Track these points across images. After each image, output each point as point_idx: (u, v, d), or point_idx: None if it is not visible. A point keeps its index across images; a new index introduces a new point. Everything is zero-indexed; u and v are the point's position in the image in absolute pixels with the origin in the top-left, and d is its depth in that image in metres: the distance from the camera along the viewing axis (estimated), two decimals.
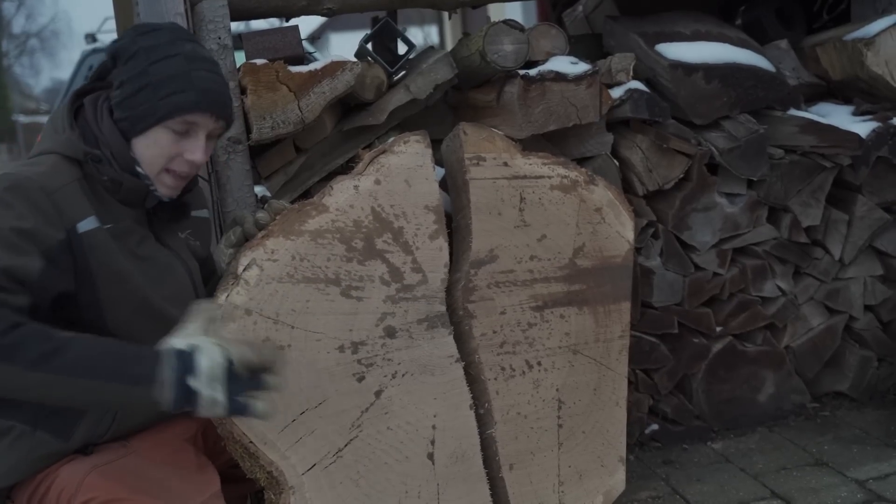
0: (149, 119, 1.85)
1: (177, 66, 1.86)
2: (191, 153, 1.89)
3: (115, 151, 1.87)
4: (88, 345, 1.66)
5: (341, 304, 2.06)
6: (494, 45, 2.75)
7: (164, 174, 1.91)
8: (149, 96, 1.84)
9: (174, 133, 1.87)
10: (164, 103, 1.84)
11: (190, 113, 1.86)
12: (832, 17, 3.89)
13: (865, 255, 3.35)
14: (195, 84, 1.86)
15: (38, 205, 1.75)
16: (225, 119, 1.95)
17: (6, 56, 30.44)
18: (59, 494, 1.83)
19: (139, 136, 1.88)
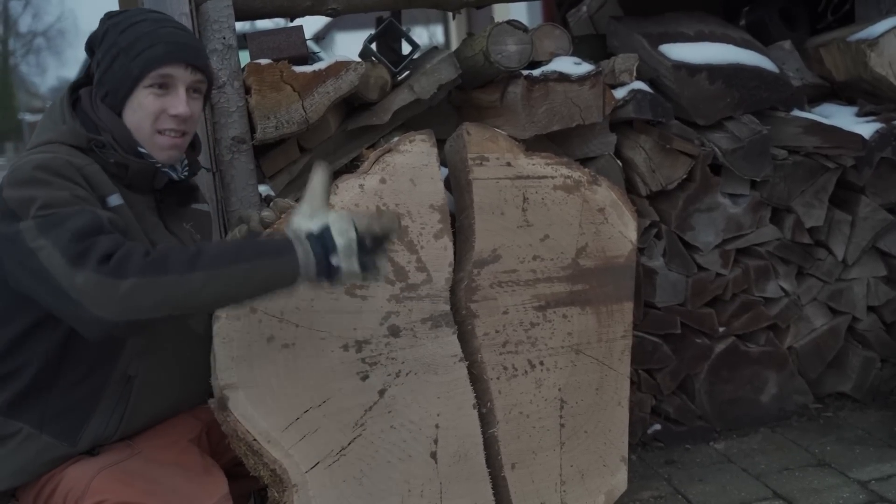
0: (126, 83, 1.88)
1: (144, 28, 1.90)
2: (173, 107, 1.91)
3: (116, 134, 1.89)
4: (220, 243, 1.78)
5: (346, 302, 2.07)
6: (498, 45, 2.76)
7: (156, 137, 1.92)
8: (122, 62, 1.88)
9: (153, 93, 1.89)
10: (137, 62, 1.87)
11: (162, 65, 1.88)
12: (836, 17, 3.89)
13: (868, 256, 3.35)
14: (163, 38, 1.89)
15: (72, 178, 1.77)
16: (201, 69, 1.96)
17: (13, 55, 30.48)
18: (66, 495, 1.84)
19: (125, 107, 1.90)
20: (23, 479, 1.88)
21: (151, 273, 1.62)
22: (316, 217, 1.74)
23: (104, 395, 1.89)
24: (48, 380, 1.87)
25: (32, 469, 1.87)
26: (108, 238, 1.66)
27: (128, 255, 1.63)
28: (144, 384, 1.92)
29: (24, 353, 1.86)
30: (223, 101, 2.65)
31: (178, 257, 1.66)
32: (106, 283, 1.60)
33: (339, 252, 1.71)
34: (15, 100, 29.86)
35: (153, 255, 1.65)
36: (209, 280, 1.66)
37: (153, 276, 1.62)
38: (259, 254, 1.71)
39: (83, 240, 1.64)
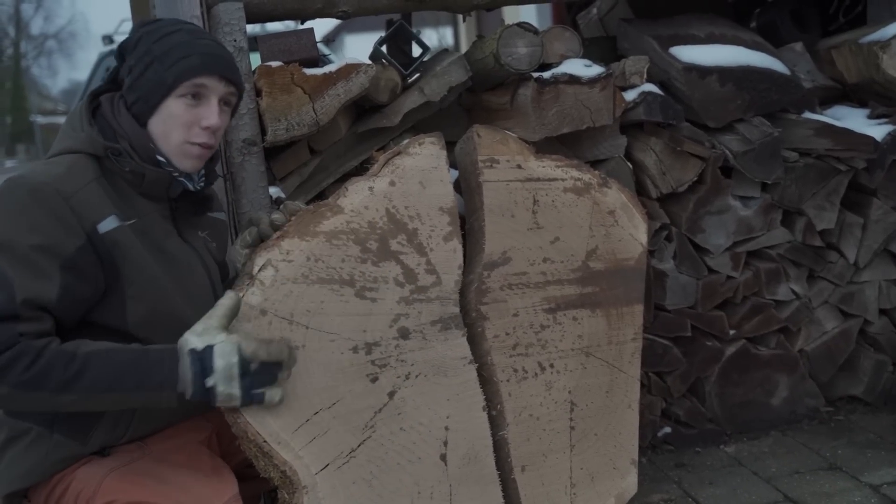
0: (159, 90, 1.89)
1: (180, 38, 1.92)
2: (206, 119, 1.92)
3: (134, 142, 1.89)
4: (108, 358, 1.74)
5: (355, 305, 2.07)
6: (508, 47, 2.76)
7: (185, 146, 1.93)
8: (156, 70, 1.89)
9: (186, 102, 1.90)
10: (172, 71, 1.88)
11: (197, 76, 1.89)
12: (848, 19, 3.88)
13: (880, 258, 3.34)
14: (199, 49, 1.91)
15: (55, 211, 1.76)
16: (234, 83, 1.98)
17: (24, 57, 30.61)
18: (77, 496, 1.85)
19: (154, 113, 1.91)
20: (34, 478, 1.89)
21: (25, 388, 1.68)
22: (205, 335, 1.77)
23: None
24: None
25: (43, 469, 1.88)
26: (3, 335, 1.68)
27: (9, 365, 1.67)
28: None
29: None
30: None
31: (56, 375, 1.70)
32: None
33: (216, 374, 1.74)
34: (27, 102, 29.99)
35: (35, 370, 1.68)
36: (79, 402, 1.73)
37: (26, 391, 1.68)
38: (138, 386, 1.74)
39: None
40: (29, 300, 1.71)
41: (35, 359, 1.68)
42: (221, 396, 1.76)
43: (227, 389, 1.75)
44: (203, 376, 1.74)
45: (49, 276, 1.74)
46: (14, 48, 30.11)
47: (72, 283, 1.77)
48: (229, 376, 1.75)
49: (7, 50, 29.75)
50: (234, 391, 1.76)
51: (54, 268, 1.75)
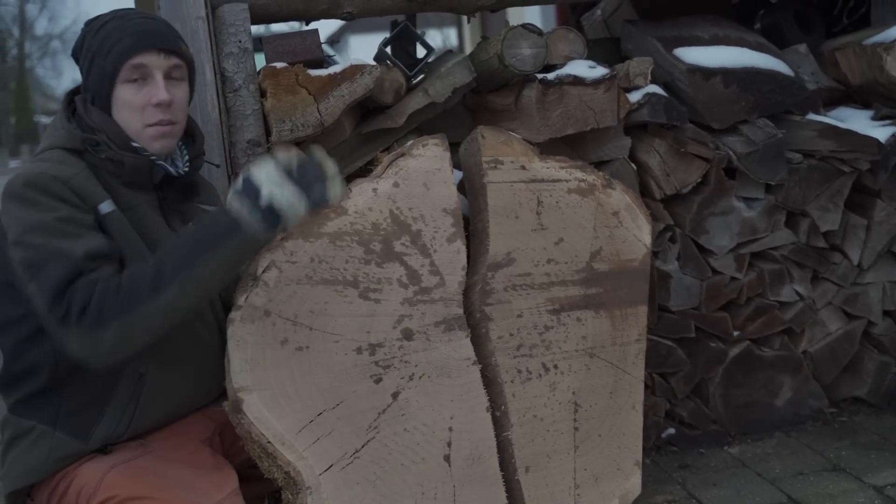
0: (104, 81, 1.91)
1: (112, 25, 1.93)
2: (154, 96, 1.91)
3: (108, 133, 1.91)
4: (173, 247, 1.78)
5: (359, 306, 2.08)
6: (513, 48, 2.76)
7: (145, 130, 1.93)
8: (98, 63, 1.91)
9: (132, 86, 1.91)
10: (109, 59, 1.89)
11: (132, 56, 1.89)
12: (852, 21, 3.88)
13: (884, 259, 3.34)
14: (130, 30, 1.91)
15: (59, 194, 1.80)
16: (174, 53, 1.95)
17: (28, 58, 30.65)
18: (79, 493, 1.86)
19: (111, 106, 1.93)
20: (37, 476, 1.90)
21: (127, 310, 1.71)
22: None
23: (116, 392, 1.91)
24: (61, 379, 1.89)
25: (46, 467, 1.89)
26: (83, 286, 1.72)
27: (102, 300, 1.71)
28: (155, 383, 1.94)
29: (36, 352, 1.89)
30: (239, 105, 2.66)
31: (144, 281, 1.72)
32: (91, 338, 1.71)
33: (263, 186, 1.72)
34: (31, 102, 30.04)
35: (123, 288, 1.72)
36: (180, 290, 1.73)
37: (130, 312, 1.71)
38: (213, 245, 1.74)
39: (61, 297, 1.71)
40: (87, 253, 1.75)
41: (118, 287, 1.71)
42: (286, 204, 1.72)
43: (282, 192, 1.72)
44: (256, 199, 1.72)
45: (88, 234, 1.80)
46: (18, 49, 30.16)
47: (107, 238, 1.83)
48: (275, 181, 1.73)
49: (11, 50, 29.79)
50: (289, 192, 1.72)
51: (86, 229, 1.80)
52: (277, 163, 1.75)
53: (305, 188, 1.75)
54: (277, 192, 1.72)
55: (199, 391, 2.08)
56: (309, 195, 1.75)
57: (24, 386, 1.91)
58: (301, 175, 1.75)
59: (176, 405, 2.03)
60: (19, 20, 30.28)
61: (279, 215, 1.73)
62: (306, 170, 1.77)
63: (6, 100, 29.34)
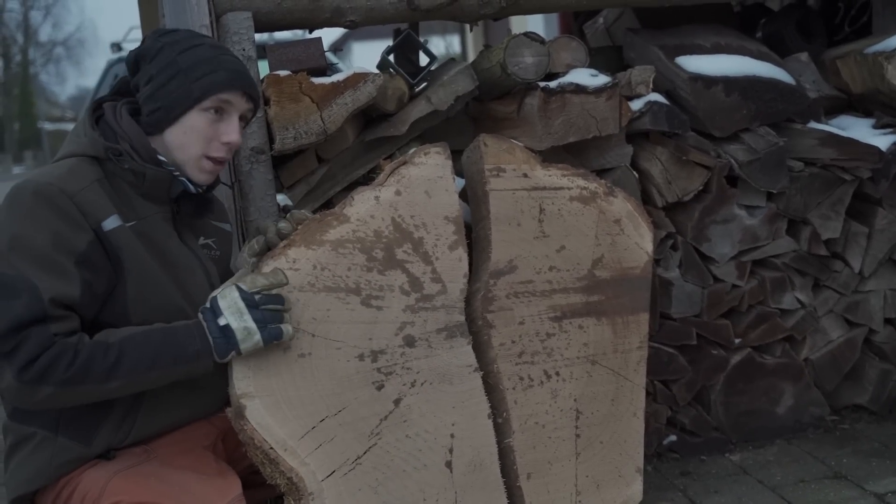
0: (184, 102, 1.93)
1: (204, 52, 1.96)
2: (227, 135, 1.98)
3: (134, 144, 1.93)
4: (142, 341, 1.82)
5: (361, 313, 2.09)
6: (515, 57, 2.78)
7: (203, 160, 1.98)
8: (181, 81, 1.93)
9: (209, 116, 1.95)
10: (198, 85, 1.93)
11: (224, 91, 1.95)
12: (853, 29, 3.89)
13: (885, 267, 3.34)
14: (225, 65, 1.96)
15: (62, 209, 1.81)
16: (254, 100, 2.04)
17: (32, 64, 30.72)
18: (83, 498, 1.87)
19: (173, 124, 1.95)
20: (41, 482, 1.91)
21: (70, 384, 1.75)
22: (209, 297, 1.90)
23: (116, 402, 1.92)
24: None
25: (49, 472, 1.90)
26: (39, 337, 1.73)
27: (51, 362, 1.73)
28: (157, 393, 1.95)
29: None
30: None
31: (98, 366, 1.76)
32: (24, 389, 1.73)
33: (224, 313, 1.84)
34: (34, 108, 30.10)
35: (77, 363, 1.74)
36: (125, 387, 1.81)
37: (72, 387, 1.76)
38: (176, 360, 1.83)
39: (15, 334, 1.72)
40: (55, 299, 1.75)
41: (74, 356, 1.74)
42: (240, 334, 1.83)
43: (241, 323, 1.83)
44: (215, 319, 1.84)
45: (69, 274, 1.78)
46: (22, 55, 30.23)
47: (89, 278, 1.81)
48: (237, 310, 1.83)
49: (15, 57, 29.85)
50: (249, 323, 1.83)
51: (70, 264, 1.79)
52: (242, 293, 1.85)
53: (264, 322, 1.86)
54: (236, 322, 1.84)
55: (202, 400, 2.09)
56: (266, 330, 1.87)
57: None
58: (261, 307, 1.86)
59: (177, 415, 2.04)
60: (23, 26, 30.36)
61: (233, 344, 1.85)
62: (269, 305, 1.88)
63: (10, 106, 29.40)
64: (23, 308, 1.72)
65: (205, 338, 1.84)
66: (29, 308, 1.72)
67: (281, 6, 2.83)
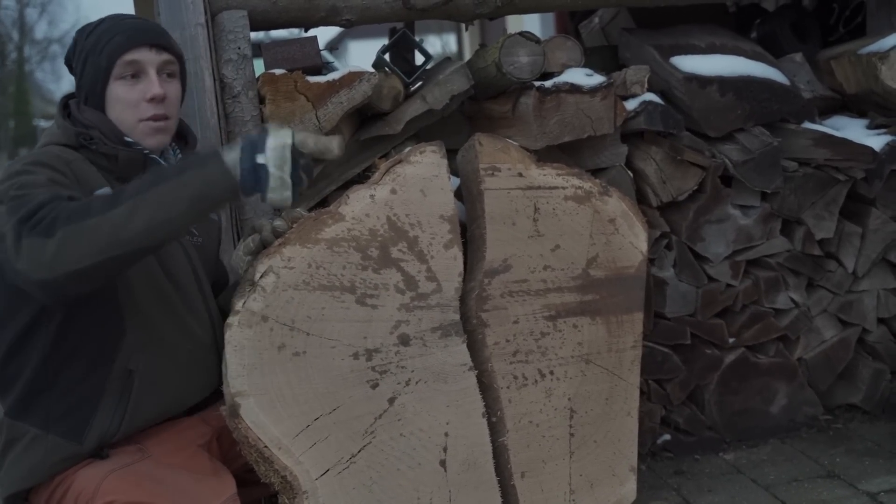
0: (98, 78, 1.96)
1: (105, 25, 2.00)
2: (148, 90, 1.97)
3: (101, 128, 1.96)
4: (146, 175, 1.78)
5: (356, 311, 2.09)
6: (510, 56, 2.78)
7: (140, 125, 1.98)
8: (92, 61, 1.96)
9: (126, 83, 1.96)
10: (103, 56, 1.95)
11: (126, 52, 1.95)
12: (847, 30, 3.90)
13: (879, 267, 3.35)
14: (123, 28, 1.98)
15: (57, 167, 1.85)
16: (166, 49, 2.01)
17: (28, 61, 30.63)
18: (77, 497, 1.87)
19: (105, 103, 1.98)
20: (33, 480, 1.91)
21: (76, 220, 1.67)
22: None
23: (106, 390, 1.92)
24: (48, 379, 1.90)
25: (42, 470, 1.90)
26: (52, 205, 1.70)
27: (58, 212, 1.68)
28: (145, 378, 1.95)
29: (22, 354, 1.91)
30: (238, 111, 2.67)
31: (102, 199, 1.73)
32: (36, 244, 1.66)
33: (269, 152, 1.73)
34: (30, 106, 30.01)
35: (81, 204, 1.71)
36: (135, 208, 1.68)
37: (77, 223, 1.67)
38: (183, 168, 1.75)
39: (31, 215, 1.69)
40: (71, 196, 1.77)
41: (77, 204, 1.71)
42: (274, 181, 1.73)
43: (280, 172, 1.73)
44: (253, 152, 1.73)
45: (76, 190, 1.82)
46: (18, 52, 30.13)
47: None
48: (282, 158, 1.74)
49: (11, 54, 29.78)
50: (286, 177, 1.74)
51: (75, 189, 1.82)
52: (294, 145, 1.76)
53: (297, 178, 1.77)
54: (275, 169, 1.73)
55: (191, 386, 2.09)
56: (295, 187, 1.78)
57: (15, 389, 1.92)
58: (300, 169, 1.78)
59: (168, 401, 2.04)
60: (19, 24, 30.26)
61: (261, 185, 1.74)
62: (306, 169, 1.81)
63: (5, 103, 29.32)
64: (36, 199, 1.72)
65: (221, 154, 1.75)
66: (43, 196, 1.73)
67: (276, 5, 2.83)
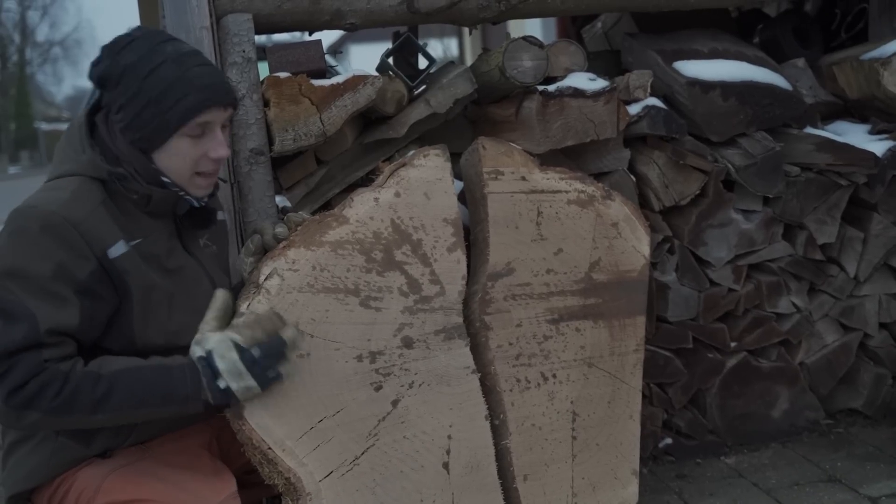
0: (164, 132, 1.86)
1: (168, 72, 1.85)
2: (214, 151, 1.92)
3: (137, 167, 1.89)
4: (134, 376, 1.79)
5: (360, 314, 2.09)
6: (514, 60, 2.79)
7: (194, 178, 1.95)
8: (155, 111, 1.84)
9: (191, 137, 1.89)
10: (173, 113, 1.85)
11: (200, 114, 1.87)
12: (849, 36, 3.91)
13: (880, 272, 3.36)
14: (195, 83, 1.86)
15: (66, 239, 1.78)
16: (233, 105, 1.97)
17: (29, 64, 30.68)
18: (79, 496, 1.88)
19: (158, 150, 1.89)
20: (38, 480, 1.92)
21: (56, 413, 1.73)
22: (202, 341, 1.84)
23: None
24: None
25: (47, 470, 1.91)
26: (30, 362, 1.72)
27: (40, 389, 1.72)
28: None
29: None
30: (242, 114, 2.68)
31: (86, 398, 1.75)
32: (10, 413, 1.72)
33: (224, 375, 1.81)
34: (31, 109, 30.06)
35: (65, 392, 1.73)
36: (109, 420, 1.79)
37: (58, 416, 1.73)
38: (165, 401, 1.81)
39: (7, 359, 1.72)
40: (52, 329, 1.74)
41: (63, 384, 1.73)
42: (241, 393, 1.83)
43: (243, 384, 1.82)
44: (216, 380, 1.81)
45: (68, 303, 1.77)
46: (19, 55, 30.19)
47: (89, 306, 1.80)
48: (237, 372, 1.81)
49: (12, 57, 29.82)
50: (250, 382, 1.83)
51: (71, 293, 1.77)
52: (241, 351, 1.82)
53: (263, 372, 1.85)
54: (236, 384, 1.82)
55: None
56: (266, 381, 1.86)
57: None
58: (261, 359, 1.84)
59: (178, 418, 2.04)
60: (20, 26, 30.32)
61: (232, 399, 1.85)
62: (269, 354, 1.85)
63: (6, 106, 29.36)
64: (19, 335, 1.71)
65: (197, 381, 1.80)
66: (25, 336, 1.71)
67: (281, 8, 2.84)
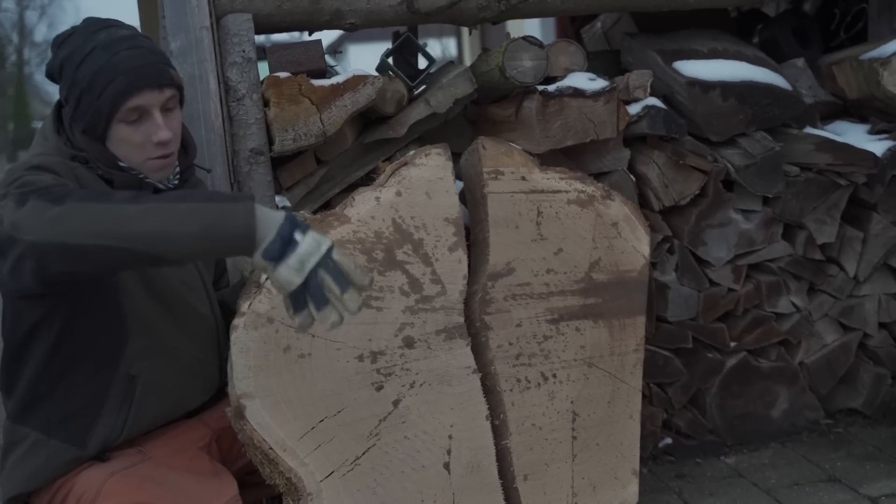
0: (100, 121, 1.86)
1: (97, 60, 1.84)
2: (155, 135, 1.88)
3: (94, 154, 1.91)
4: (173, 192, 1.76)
5: (361, 313, 2.09)
6: (514, 60, 2.79)
7: (146, 163, 1.92)
8: (88, 101, 1.84)
9: (128, 123, 1.87)
10: (103, 101, 1.83)
11: (129, 98, 1.84)
12: (849, 36, 3.91)
13: (880, 272, 3.36)
14: (120, 68, 1.84)
15: (65, 175, 1.82)
16: (169, 84, 1.90)
17: (27, 64, 30.65)
18: (79, 500, 1.87)
19: (106, 139, 1.89)
20: (34, 484, 1.91)
21: (88, 200, 1.61)
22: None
23: (108, 396, 1.92)
24: (48, 384, 1.90)
25: (43, 474, 1.90)
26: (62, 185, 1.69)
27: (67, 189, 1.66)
28: (147, 383, 1.96)
29: (24, 359, 1.91)
30: (242, 114, 2.68)
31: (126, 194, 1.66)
32: (41, 205, 1.58)
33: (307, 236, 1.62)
34: (29, 108, 30.03)
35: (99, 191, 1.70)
36: (149, 212, 1.59)
37: (89, 202, 1.60)
38: (212, 196, 1.70)
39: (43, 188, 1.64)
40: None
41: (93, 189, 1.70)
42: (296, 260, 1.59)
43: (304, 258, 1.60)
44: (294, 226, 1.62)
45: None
46: (17, 55, 30.15)
47: None
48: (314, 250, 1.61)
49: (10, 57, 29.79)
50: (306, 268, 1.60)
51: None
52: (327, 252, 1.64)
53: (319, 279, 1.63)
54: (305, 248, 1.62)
55: (193, 390, 2.10)
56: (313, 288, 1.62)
57: (17, 392, 1.93)
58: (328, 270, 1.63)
59: (170, 405, 2.04)
60: (18, 26, 30.30)
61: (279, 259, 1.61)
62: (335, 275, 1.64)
63: (4, 106, 29.35)
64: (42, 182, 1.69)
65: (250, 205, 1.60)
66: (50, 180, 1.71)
67: (281, 8, 2.84)
